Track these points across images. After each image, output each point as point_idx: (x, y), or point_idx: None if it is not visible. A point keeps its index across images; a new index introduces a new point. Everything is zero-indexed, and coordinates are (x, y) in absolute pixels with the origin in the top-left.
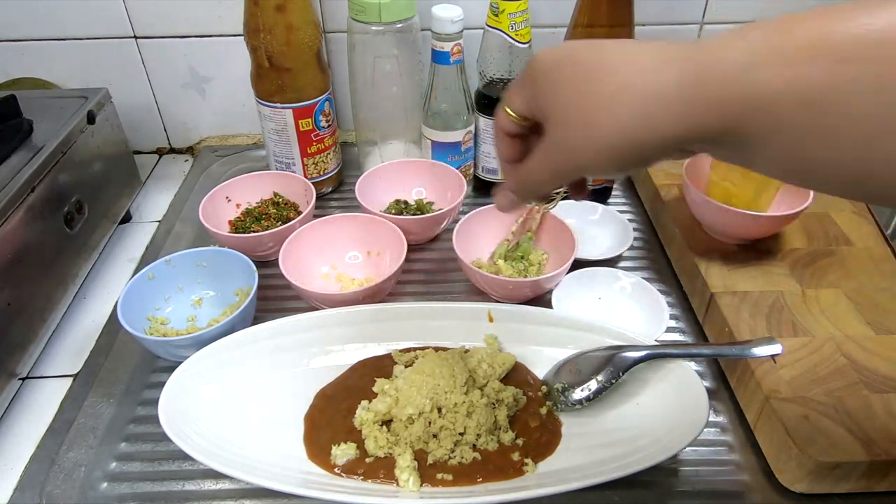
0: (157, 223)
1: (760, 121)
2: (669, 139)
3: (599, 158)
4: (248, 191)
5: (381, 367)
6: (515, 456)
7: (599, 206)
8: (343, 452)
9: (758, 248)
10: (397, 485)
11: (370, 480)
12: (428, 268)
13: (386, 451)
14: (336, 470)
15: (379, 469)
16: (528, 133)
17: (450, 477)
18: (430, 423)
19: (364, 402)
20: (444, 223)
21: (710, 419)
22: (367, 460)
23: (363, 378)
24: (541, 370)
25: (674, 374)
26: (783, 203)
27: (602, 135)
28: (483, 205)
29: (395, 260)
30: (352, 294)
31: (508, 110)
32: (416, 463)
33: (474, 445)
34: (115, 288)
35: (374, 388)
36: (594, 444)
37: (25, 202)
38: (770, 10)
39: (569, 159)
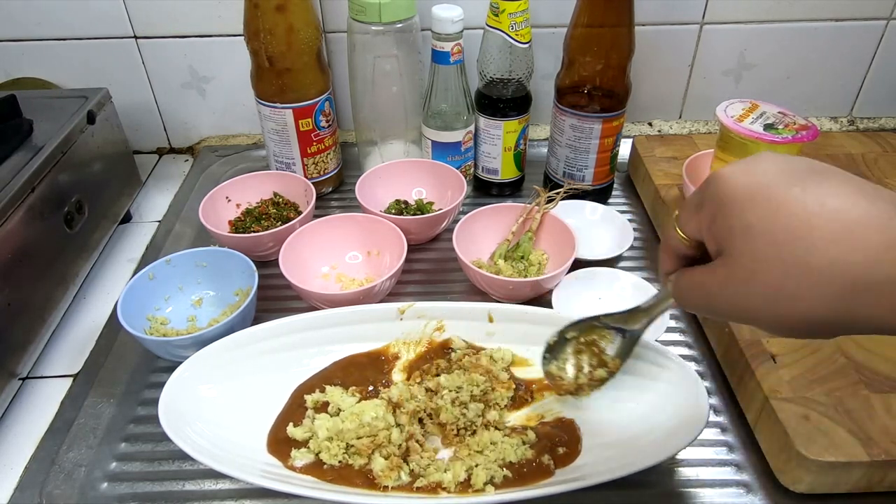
0: (157, 223)
1: None
2: (882, 327)
3: (780, 324)
4: (248, 191)
5: (360, 363)
6: (546, 459)
7: (599, 206)
8: (302, 455)
9: None
10: (385, 489)
11: (350, 485)
12: (428, 268)
13: (341, 460)
14: (298, 472)
15: (351, 475)
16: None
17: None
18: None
19: (290, 426)
20: (444, 223)
21: (710, 419)
22: (325, 467)
23: (342, 375)
24: (541, 370)
25: (674, 374)
26: None
27: (799, 309)
28: (483, 205)
29: (395, 260)
30: (352, 294)
31: (681, 234)
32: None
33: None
34: (115, 288)
35: (308, 403)
36: (594, 445)
37: (25, 202)
38: (770, 11)
39: (741, 310)
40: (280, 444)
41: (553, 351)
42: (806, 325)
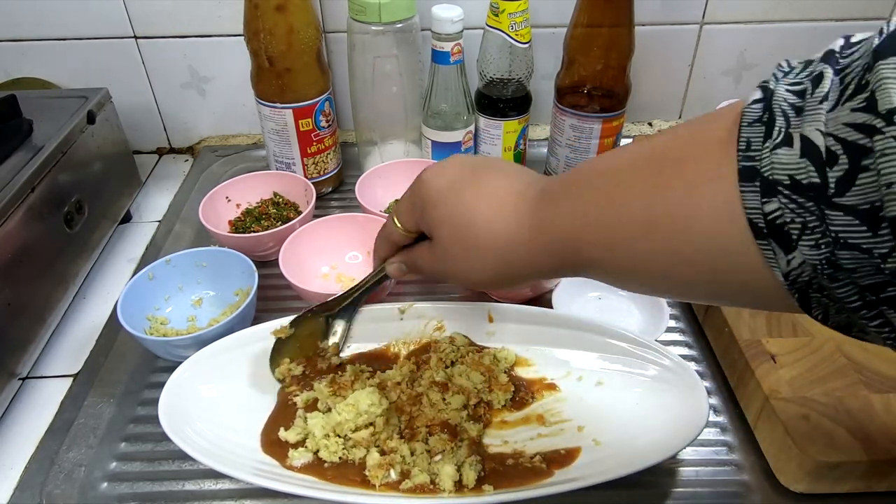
0: (157, 223)
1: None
2: (527, 276)
3: (475, 284)
4: (248, 191)
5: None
6: (538, 460)
7: None
8: (300, 455)
9: None
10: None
11: (350, 483)
12: None
13: (342, 456)
14: (298, 471)
15: (351, 473)
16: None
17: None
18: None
19: (281, 430)
20: None
21: (710, 419)
22: (325, 465)
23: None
24: (541, 370)
25: (674, 374)
26: None
27: (477, 273)
28: None
29: None
30: None
31: (398, 224)
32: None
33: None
34: (115, 288)
35: (298, 400)
36: (594, 445)
37: (25, 202)
38: (770, 11)
39: (450, 276)
40: (273, 445)
41: (279, 352)
42: (487, 283)
